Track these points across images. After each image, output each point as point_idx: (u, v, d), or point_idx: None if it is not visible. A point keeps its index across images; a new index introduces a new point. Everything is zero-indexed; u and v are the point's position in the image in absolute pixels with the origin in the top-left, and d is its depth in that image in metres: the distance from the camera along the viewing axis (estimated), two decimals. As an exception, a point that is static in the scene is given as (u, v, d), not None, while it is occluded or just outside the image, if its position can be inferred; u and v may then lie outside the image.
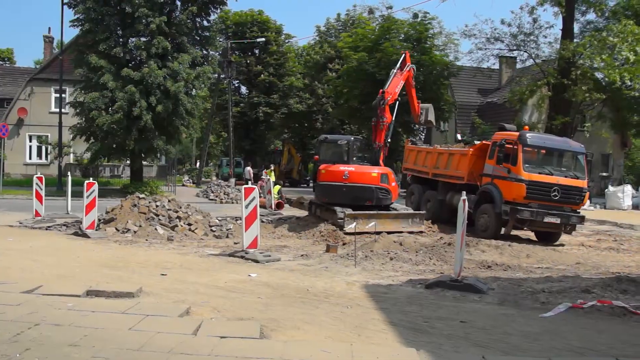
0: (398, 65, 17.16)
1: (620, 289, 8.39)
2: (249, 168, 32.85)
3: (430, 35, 31.85)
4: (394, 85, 16.61)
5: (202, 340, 5.03)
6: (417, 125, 36.41)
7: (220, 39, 39.60)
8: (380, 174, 15.49)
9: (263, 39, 41.06)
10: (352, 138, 17.09)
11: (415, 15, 32.44)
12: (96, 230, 12.88)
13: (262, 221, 15.92)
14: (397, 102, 16.51)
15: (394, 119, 16.36)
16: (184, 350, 4.72)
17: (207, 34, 28.80)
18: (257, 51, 45.49)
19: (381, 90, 16.22)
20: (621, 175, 36.11)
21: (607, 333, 6.11)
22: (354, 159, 16.29)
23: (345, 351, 4.90)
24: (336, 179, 15.37)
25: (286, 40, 47.42)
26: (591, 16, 32.32)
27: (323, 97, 40.96)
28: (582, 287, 8.49)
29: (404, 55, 17.46)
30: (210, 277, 8.30)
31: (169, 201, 14.80)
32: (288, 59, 45.11)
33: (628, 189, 27.61)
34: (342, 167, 15.60)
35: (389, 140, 16.41)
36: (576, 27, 30.61)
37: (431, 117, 18.71)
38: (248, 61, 44.18)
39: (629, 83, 24.65)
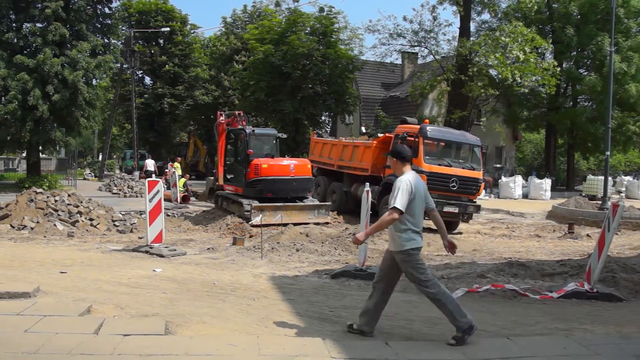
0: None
1: (511, 273, 8.96)
2: (149, 160, 31.88)
3: (335, 30, 32.18)
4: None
5: (104, 339, 4.86)
6: (323, 117, 37.00)
7: (123, 28, 38.05)
8: (310, 166, 16.48)
9: (168, 29, 39.94)
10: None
11: (321, 9, 32.70)
12: (-13, 227, 12.10)
13: (167, 215, 15.61)
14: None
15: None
16: (85, 351, 4.54)
17: (109, 21, 27.66)
18: (161, 41, 44.15)
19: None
20: (513, 167, 38.29)
21: (499, 314, 6.50)
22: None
23: (251, 344, 4.91)
24: (283, 172, 15.61)
25: (192, 31, 46.35)
26: (486, 16, 34.15)
27: (229, 89, 40.37)
28: (477, 272, 8.98)
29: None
30: (113, 274, 8.02)
31: (69, 196, 14.16)
32: (194, 50, 44.11)
33: (519, 179, 29.22)
34: (287, 161, 16.18)
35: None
36: (473, 26, 32.12)
37: None
38: (152, 51, 42.81)
39: (519, 80, 26.15)
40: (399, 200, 4.99)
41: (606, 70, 24.62)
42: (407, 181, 5.12)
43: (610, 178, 24.83)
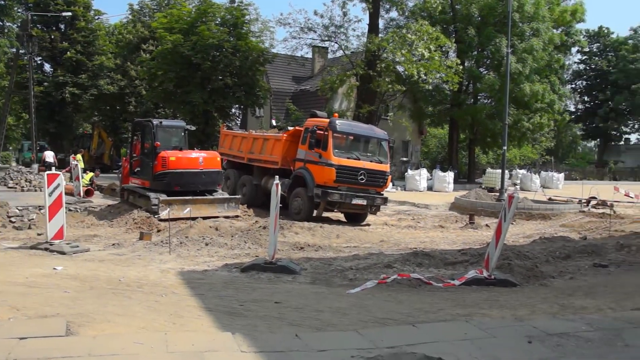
0: None
1: (416, 262, 9.29)
2: (48, 152, 30.27)
3: (246, 21, 31.92)
4: None
5: (-2, 343, 4.57)
6: (233, 110, 36.62)
7: (19, 10, 35.84)
8: (220, 159, 16.27)
9: (69, 13, 37.87)
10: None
11: (232, 0, 32.32)
12: None
13: (70, 210, 14.95)
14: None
15: None
16: (-25, 356, 4.26)
17: (2, 2, 25.89)
18: (62, 26, 41.84)
19: None
20: (418, 160, 39.60)
21: (405, 303, 6.73)
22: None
23: (159, 341, 4.79)
24: (192, 165, 15.25)
25: (96, 17, 44.24)
26: (394, 14, 34.99)
27: (136, 79, 39.01)
28: (385, 262, 9.24)
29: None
30: (8, 273, 7.54)
31: (-45, 190, 13.20)
32: (98, 37, 42.11)
33: (424, 172, 30.24)
34: (195, 154, 15.83)
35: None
36: (381, 23, 32.82)
37: None
38: (52, 37, 40.46)
39: (424, 77, 27.09)
40: None
41: (503, 70, 26.00)
42: None
43: (507, 171, 26.24)
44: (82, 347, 4.55)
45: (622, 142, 62.79)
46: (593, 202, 20.87)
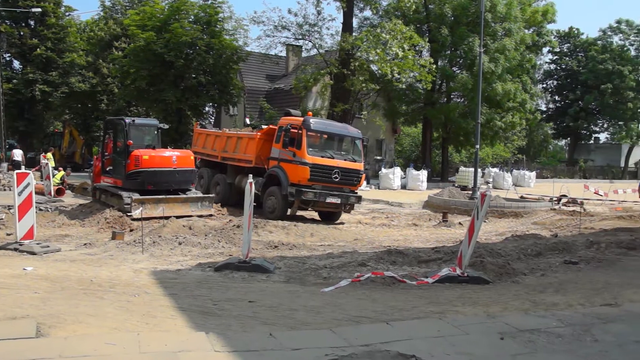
0: None
1: (390, 260, 9.35)
2: (16, 150, 29.69)
3: (220, 19, 31.72)
4: None
5: (-36, 346, 4.47)
6: (206, 108, 36.36)
7: (-14, 6, 35.09)
8: (193, 157, 16.29)
9: (39, 10, 37.13)
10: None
11: (205, -2, 32.10)
12: None
13: (40, 209, 14.74)
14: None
15: None
16: (-59, 361, 4.16)
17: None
18: (32, 22, 41.03)
19: None
20: (392, 159, 39.82)
21: (379, 301, 6.76)
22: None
23: (132, 341, 4.74)
24: (165, 164, 15.14)
25: (67, 13, 43.41)
26: (368, 13, 35.14)
27: (108, 77, 38.48)
28: (359, 261, 9.28)
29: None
30: (-25, 274, 7.41)
31: None
32: (69, 34, 41.33)
33: (398, 171, 30.45)
34: (169, 152, 15.76)
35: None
36: (355, 22, 32.87)
37: None
38: (22, 33, 39.61)
39: (398, 76, 27.24)
40: None
41: (476, 69, 26.29)
42: None
43: (479, 170, 26.54)
44: (52, 348, 4.48)
45: (591, 141, 63.97)
46: (564, 200, 21.24)
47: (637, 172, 55.95)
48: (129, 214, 13.78)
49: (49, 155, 23.02)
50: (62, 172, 21.56)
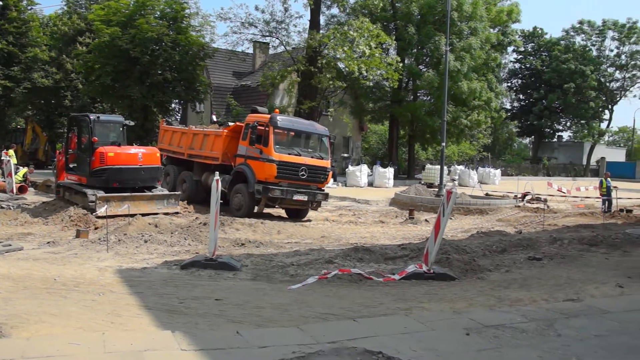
0: None
1: (357, 257, 9.38)
2: None
3: (186, 15, 31.36)
4: None
5: None
6: (172, 105, 35.92)
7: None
8: (159, 154, 16.09)
9: (0, 3, 36.22)
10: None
11: (172, -7, 31.64)
12: None
13: (2, 207, 14.44)
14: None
15: None
16: None
17: None
18: (-7, 16, 40.01)
19: None
20: (359, 156, 40.00)
21: (346, 298, 6.78)
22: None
23: (96, 341, 4.65)
24: (130, 161, 14.93)
25: (29, 7, 42.33)
26: (335, 11, 35.21)
27: (72, 73, 37.68)
28: (326, 258, 9.28)
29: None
30: None
31: None
32: (31, 28, 40.31)
33: (364, 168, 30.60)
34: (134, 150, 15.52)
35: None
36: (322, 20, 32.89)
37: None
38: (-18, 27, 38.64)
39: (365, 74, 27.35)
40: None
41: (442, 67, 26.58)
42: None
43: (445, 167, 26.86)
44: (14, 349, 4.37)
45: (555, 139, 65.30)
46: (528, 197, 21.66)
47: (598, 170, 57.31)
48: (93, 212, 13.56)
49: (11, 152, 22.45)
50: (25, 169, 21.09)
